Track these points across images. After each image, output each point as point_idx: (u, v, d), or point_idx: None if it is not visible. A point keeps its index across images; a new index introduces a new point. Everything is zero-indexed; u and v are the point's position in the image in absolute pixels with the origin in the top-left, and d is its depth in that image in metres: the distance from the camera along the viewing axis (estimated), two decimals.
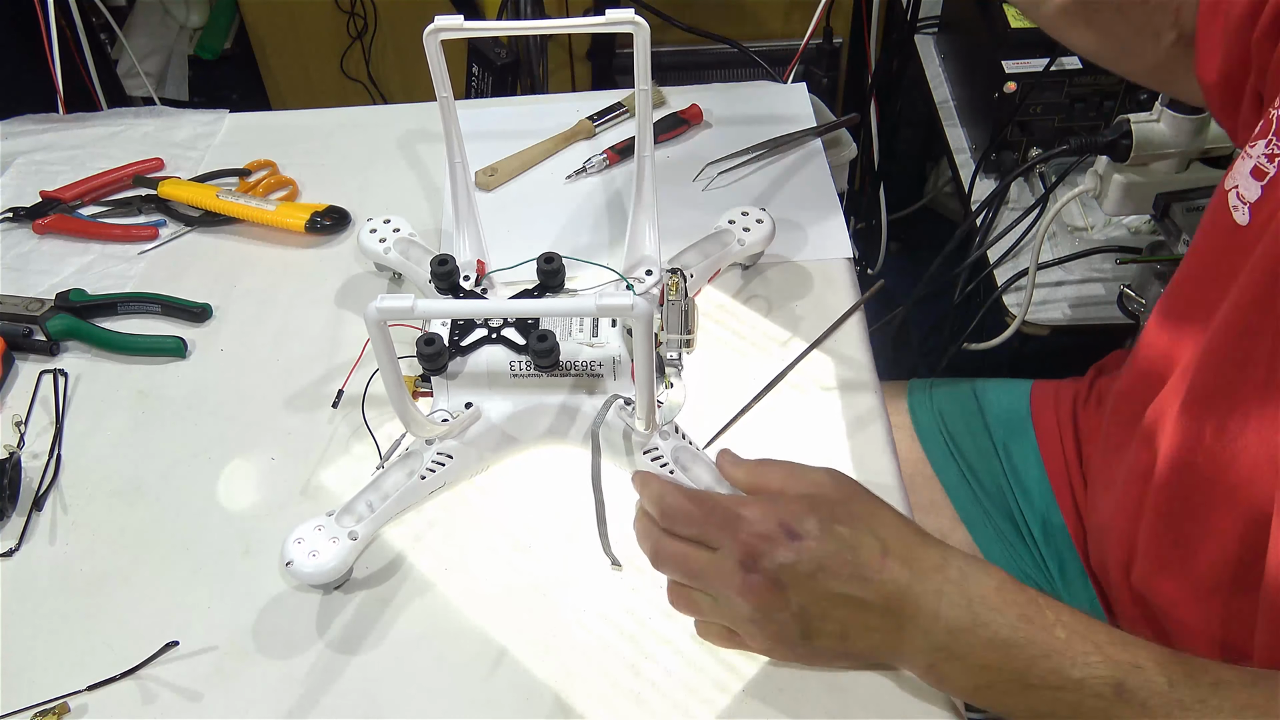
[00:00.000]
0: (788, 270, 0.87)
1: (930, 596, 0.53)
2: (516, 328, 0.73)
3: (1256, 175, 0.60)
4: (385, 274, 0.87)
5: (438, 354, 0.71)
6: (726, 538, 0.55)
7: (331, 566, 0.65)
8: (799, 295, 0.85)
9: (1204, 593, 0.64)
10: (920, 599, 0.53)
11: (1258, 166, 0.60)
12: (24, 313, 0.85)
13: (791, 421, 0.76)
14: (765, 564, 0.54)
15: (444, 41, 0.69)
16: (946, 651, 0.54)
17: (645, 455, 0.69)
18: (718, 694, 0.62)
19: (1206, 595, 0.64)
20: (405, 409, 0.64)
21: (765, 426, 0.76)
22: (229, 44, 2.09)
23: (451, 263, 0.77)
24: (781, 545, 0.54)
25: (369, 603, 0.67)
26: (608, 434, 0.70)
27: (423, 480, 0.69)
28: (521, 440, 0.74)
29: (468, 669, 0.64)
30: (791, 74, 1.10)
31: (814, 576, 0.53)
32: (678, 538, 0.58)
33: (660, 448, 0.69)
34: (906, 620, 0.54)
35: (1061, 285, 1.38)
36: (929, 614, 0.53)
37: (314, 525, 0.66)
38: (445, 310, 0.67)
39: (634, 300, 0.54)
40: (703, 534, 0.57)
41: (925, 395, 0.97)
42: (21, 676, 0.65)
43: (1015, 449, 0.92)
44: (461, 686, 0.63)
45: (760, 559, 0.54)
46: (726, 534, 0.55)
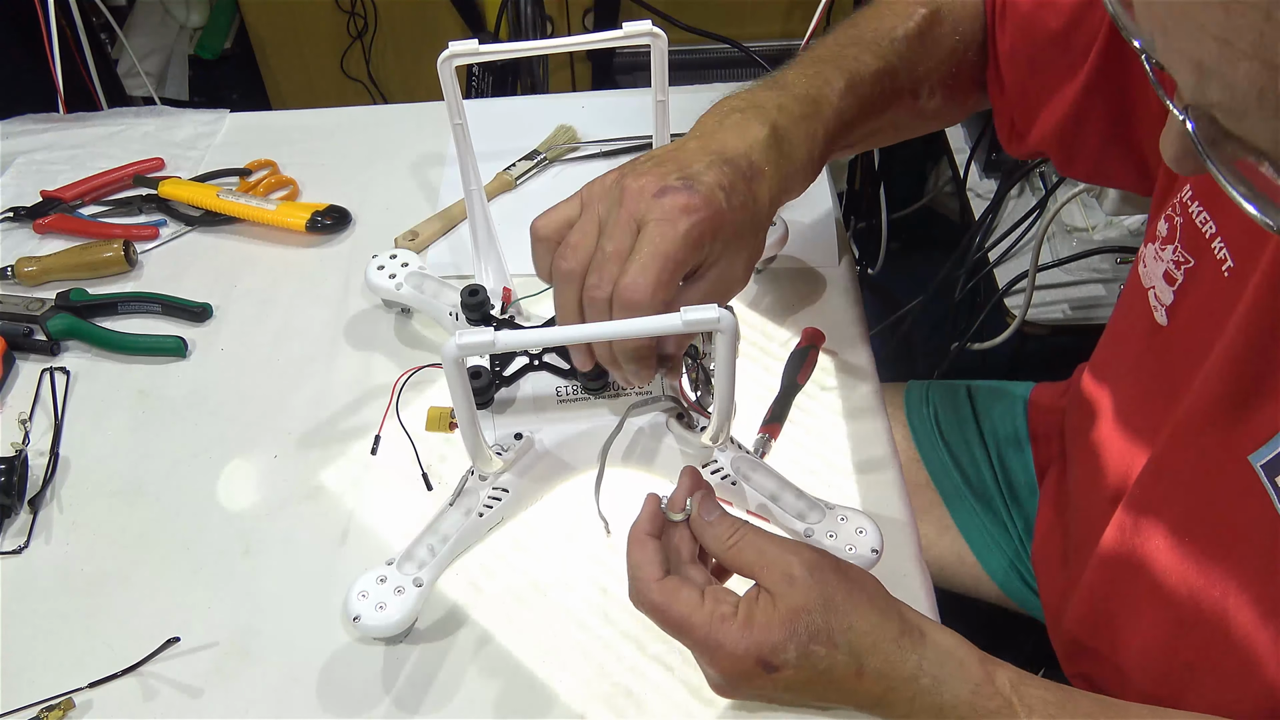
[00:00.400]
0: (788, 271, 0.87)
1: (904, 704, 0.53)
2: (557, 352, 0.72)
3: (1168, 280, 0.63)
4: (393, 309, 0.85)
5: (485, 386, 0.70)
6: (702, 659, 0.56)
7: (399, 618, 0.62)
8: (799, 296, 0.85)
9: (1132, 674, 0.66)
10: (893, 706, 0.54)
11: (1168, 272, 0.62)
12: (24, 312, 0.85)
13: (792, 421, 0.76)
14: (743, 689, 0.55)
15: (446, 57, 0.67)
16: None
17: (705, 469, 0.68)
18: None
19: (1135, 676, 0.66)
20: (478, 446, 0.63)
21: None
22: (229, 44, 2.09)
23: (483, 292, 0.76)
24: (758, 678, 0.53)
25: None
26: (651, 447, 0.70)
27: (480, 518, 0.67)
28: (575, 466, 0.72)
29: (468, 667, 0.64)
30: None
31: (791, 693, 0.54)
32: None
33: (719, 459, 0.68)
34: (881, 711, 0.55)
35: (1061, 285, 1.38)
36: (902, 715, 0.54)
37: (376, 576, 0.63)
38: (526, 340, 0.58)
39: (720, 314, 0.53)
40: (679, 640, 0.56)
41: (921, 397, 0.97)
42: (23, 675, 0.65)
43: (1008, 453, 0.92)
44: (461, 684, 0.63)
45: (739, 687, 0.55)
46: (703, 657, 0.55)
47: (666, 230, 0.55)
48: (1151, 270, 0.64)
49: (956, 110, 0.77)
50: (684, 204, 0.56)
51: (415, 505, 0.71)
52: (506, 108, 1.09)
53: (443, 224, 0.92)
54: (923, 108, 0.73)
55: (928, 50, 0.71)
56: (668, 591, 0.55)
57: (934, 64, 0.72)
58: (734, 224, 0.58)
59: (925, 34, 0.71)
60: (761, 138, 0.62)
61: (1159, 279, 0.63)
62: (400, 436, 0.75)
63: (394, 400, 0.77)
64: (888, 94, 0.69)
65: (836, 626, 0.53)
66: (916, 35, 0.71)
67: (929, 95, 0.73)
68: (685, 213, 0.56)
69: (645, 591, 0.55)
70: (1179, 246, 0.61)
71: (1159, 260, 0.63)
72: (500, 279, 0.80)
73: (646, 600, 0.55)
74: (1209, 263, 0.59)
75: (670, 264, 0.55)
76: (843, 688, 0.53)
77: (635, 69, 1.89)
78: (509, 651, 0.65)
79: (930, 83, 0.72)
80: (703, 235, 0.56)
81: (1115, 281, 1.35)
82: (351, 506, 0.73)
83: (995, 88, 0.74)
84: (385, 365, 0.81)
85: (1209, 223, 0.59)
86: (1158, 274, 0.63)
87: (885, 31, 0.70)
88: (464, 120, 0.73)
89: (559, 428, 0.71)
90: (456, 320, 0.77)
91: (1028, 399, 0.94)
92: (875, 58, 0.69)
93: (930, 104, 0.73)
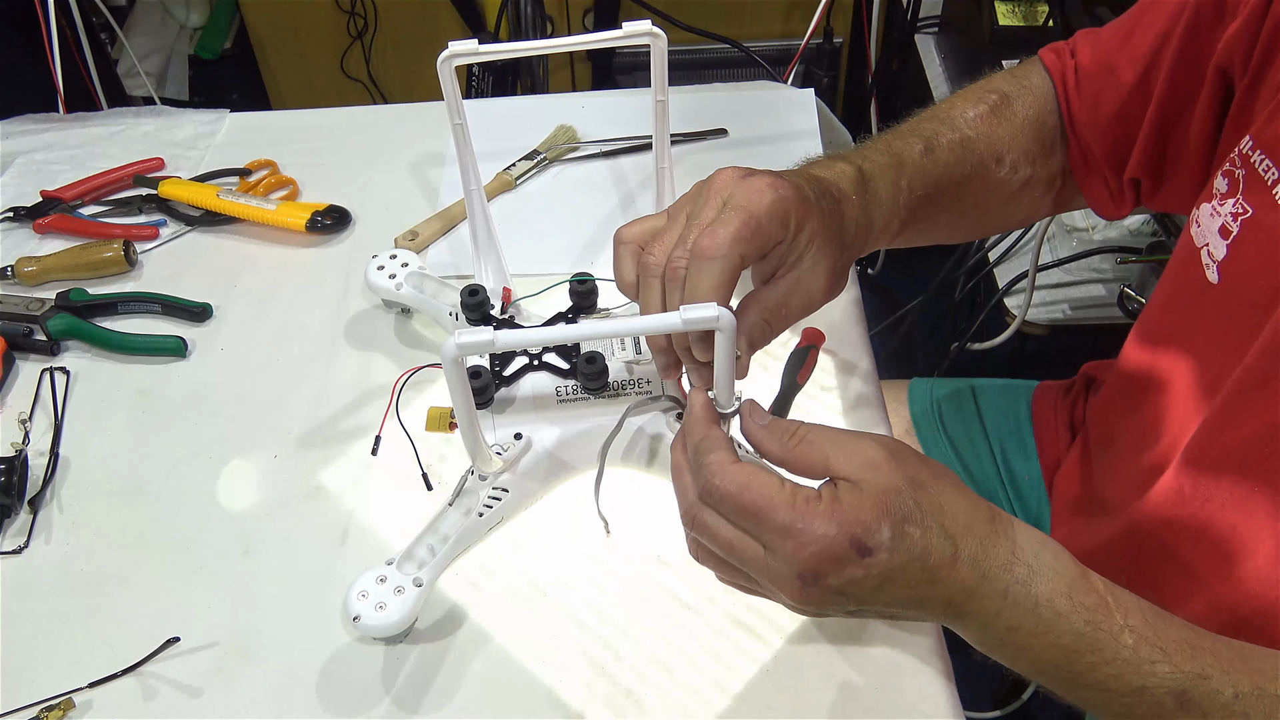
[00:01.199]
0: None
1: (995, 598, 0.50)
2: (557, 352, 0.73)
3: (1223, 234, 0.62)
4: (393, 309, 0.85)
5: (484, 386, 0.70)
6: (786, 548, 0.49)
7: (399, 618, 0.62)
8: None
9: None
10: (984, 599, 0.50)
11: (1224, 225, 0.61)
12: (24, 312, 0.85)
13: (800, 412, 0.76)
14: (830, 581, 0.49)
15: (446, 56, 0.67)
16: (1001, 642, 0.52)
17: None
18: (718, 694, 0.62)
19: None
20: (477, 446, 0.63)
21: None
22: (229, 44, 2.10)
23: (482, 292, 0.76)
24: (851, 564, 0.49)
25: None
26: (651, 447, 0.70)
27: (480, 518, 0.67)
28: (575, 465, 0.72)
29: (468, 668, 0.64)
30: (791, 74, 1.10)
31: (881, 588, 0.50)
32: (722, 517, 0.52)
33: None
34: (967, 615, 0.51)
35: (1062, 285, 1.38)
36: (991, 612, 0.51)
37: (375, 576, 0.63)
38: (525, 340, 0.59)
39: (719, 312, 0.52)
40: (756, 533, 0.51)
41: (925, 394, 0.97)
42: (23, 675, 0.65)
43: (1012, 451, 0.92)
44: (461, 684, 0.63)
45: (824, 578, 0.49)
46: (787, 545, 0.49)
47: (752, 196, 0.55)
48: (1206, 227, 0.63)
49: (1042, 192, 0.76)
50: (771, 183, 0.56)
51: (415, 505, 0.71)
52: (506, 108, 1.09)
53: (443, 224, 0.92)
54: (1006, 180, 0.73)
55: (1002, 124, 0.73)
56: (747, 473, 0.50)
57: (1010, 135, 0.72)
58: (821, 222, 0.58)
59: (997, 112, 0.73)
60: (848, 172, 0.63)
61: (1214, 235, 0.62)
62: (400, 436, 0.75)
63: (394, 400, 0.77)
64: (968, 162, 0.70)
65: (928, 507, 0.50)
66: (989, 113, 0.72)
67: (1011, 169, 0.73)
68: (772, 188, 0.55)
69: (720, 475, 0.50)
70: (1240, 199, 0.60)
71: (1215, 216, 0.62)
72: (500, 279, 0.80)
73: (721, 486, 0.50)
74: (1270, 210, 0.58)
75: (752, 221, 0.54)
76: (937, 577, 0.49)
77: (635, 69, 1.89)
78: (509, 651, 0.65)
79: (1012, 155, 0.72)
80: (788, 211, 0.55)
81: (1115, 281, 1.35)
82: (351, 506, 0.73)
83: (1080, 164, 0.75)
84: (385, 365, 0.81)
85: (1273, 170, 0.58)
86: (1213, 229, 0.62)
87: (958, 112, 0.72)
88: (464, 120, 0.73)
89: (559, 428, 0.71)
90: (456, 320, 0.77)
91: (1031, 397, 0.94)
92: (950, 129, 0.71)
93: (1014, 178, 0.73)
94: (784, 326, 0.59)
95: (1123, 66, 0.70)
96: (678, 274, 0.55)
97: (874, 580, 0.49)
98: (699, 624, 0.65)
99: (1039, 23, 1.30)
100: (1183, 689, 0.49)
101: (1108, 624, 0.50)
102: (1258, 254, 0.59)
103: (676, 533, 0.69)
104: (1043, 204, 0.78)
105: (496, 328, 0.53)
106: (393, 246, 0.89)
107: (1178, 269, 0.68)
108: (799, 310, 0.59)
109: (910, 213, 0.67)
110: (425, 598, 0.64)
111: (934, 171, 0.68)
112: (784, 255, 0.57)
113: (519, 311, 0.78)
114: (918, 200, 0.67)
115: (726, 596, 0.66)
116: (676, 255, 0.55)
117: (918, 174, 0.67)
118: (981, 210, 0.75)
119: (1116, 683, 0.50)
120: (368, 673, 0.64)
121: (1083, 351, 0.94)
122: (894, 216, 0.66)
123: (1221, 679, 0.49)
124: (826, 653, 0.63)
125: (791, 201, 0.56)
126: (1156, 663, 0.49)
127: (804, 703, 0.61)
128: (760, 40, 1.83)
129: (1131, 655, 0.49)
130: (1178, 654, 0.49)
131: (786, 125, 1.00)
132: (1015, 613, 0.50)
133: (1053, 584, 0.50)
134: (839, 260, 0.60)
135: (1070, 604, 0.50)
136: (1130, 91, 0.70)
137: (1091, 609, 0.50)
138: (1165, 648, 0.49)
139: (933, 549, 0.49)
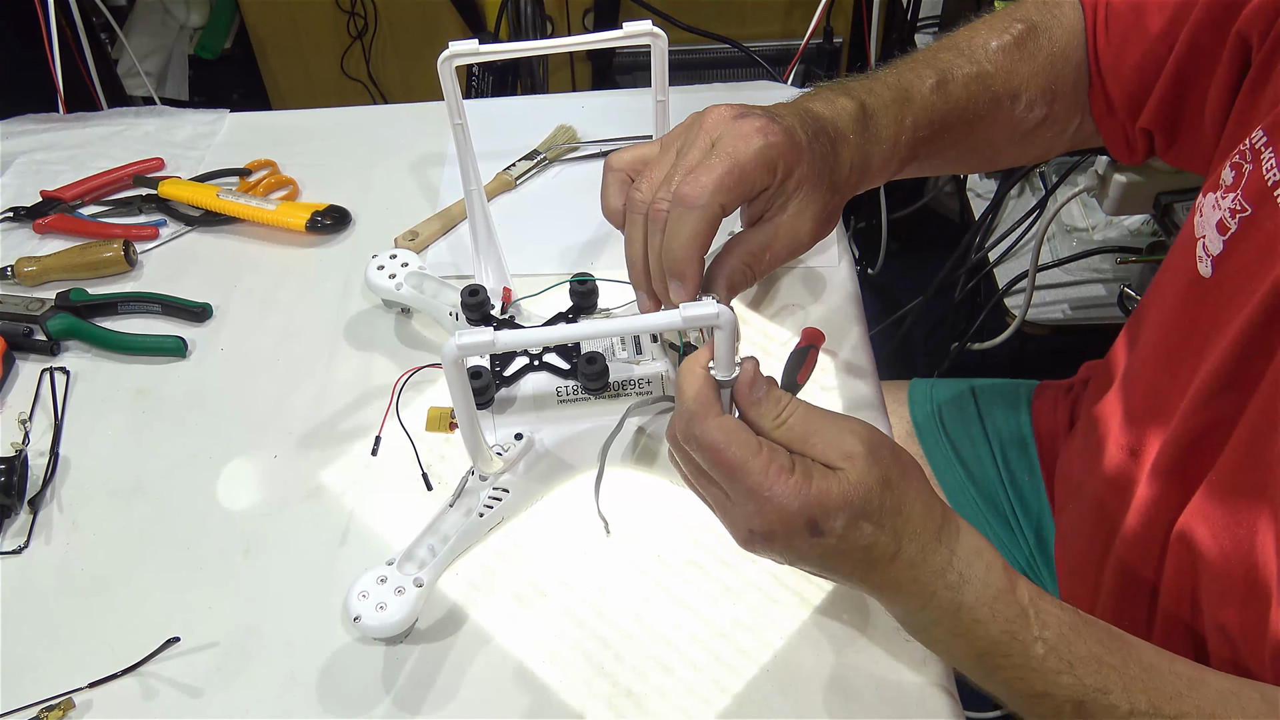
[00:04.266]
0: (788, 271, 0.87)
1: (921, 596, 0.53)
2: (558, 352, 0.73)
3: (1220, 229, 0.61)
4: (393, 309, 0.85)
5: (485, 387, 0.70)
6: (747, 507, 0.52)
7: (400, 619, 0.62)
8: (799, 296, 0.85)
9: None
10: (911, 596, 0.53)
11: (1222, 220, 0.61)
12: (24, 312, 0.85)
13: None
14: (777, 544, 0.52)
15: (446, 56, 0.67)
16: (921, 632, 0.56)
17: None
18: (718, 694, 0.62)
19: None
20: (478, 446, 0.63)
21: None
22: (229, 44, 2.09)
23: (483, 292, 0.76)
24: (799, 537, 0.51)
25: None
26: (651, 447, 0.70)
27: (480, 518, 0.67)
28: (575, 465, 0.72)
29: (468, 668, 0.64)
30: (791, 74, 1.10)
31: (820, 560, 0.53)
32: (698, 462, 0.54)
33: None
34: (893, 603, 0.55)
35: (1062, 285, 1.38)
36: (916, 608, 0.54)
37: (375, 576, 0.63)
38: (526, 340, 0.59)
39: (719, 309, 0.52)
40: (724, 483, 0.53)
41: (925, 395, 0.97)
42: (23, 675, 0.65)
43: (1012, 452, 0.92)
44: (461, 684, 0.63)
45: (773, 540, 0.52)
46: (749, 504, 0.52)
47: (739, 142, 0.55)
48: (1207, 219, 0.63)
49: (1058, 131, 0.74)
50: (761, 126, 0.55)
51: (415, 505, 0.71)
52: (506, 108, 1.09)
53: (443, 224, 0.92)
54: (1021, 119, 0.71)
55: (1024, 59, 0.70)
56: (729, 430, 0.51)
57: (1030, 72, 0.70)
58: (811, 167, 0.57)
59: (1022, 44, 0.70)
60: (850, 109, 0.62)
61: (1211, 228, 0.62)
62: (400, 437, 0.75)
63: (394, 400, 0.77)
64: (982, 99, 0.69)
65: (889, 508, 0.51)
66: (1013, 45, 0.70)
67: (1027, 107, 0.71)
68: (761, 133, 0.55)
69: (703, 426, 0.52)
70: (1240, 195, 0.60)
71: (1216, 209, 0.62)
72: (500, 279, 0.80)
73: (704, 436, 0.52)
74: (1269, 212, 0.57)
75: (736, 169, 0.54)
76: (873, 567, 0.52)
77: (635, 69, 1.89)
78: (509, 651, 0.65)
79: (1029, 94, 0.70)
80: (776, 158, 0.55)
81: (1115, 281, 1.35)
82: (351, 506, 0.73)
83: (1100, 106, 0.72)
84: (385, 365, 0.81)
85: (1275, 170, 0.58)
86: (1212, 222, 0.62)
87: (980, 43, 0.70)
88: (464, 120, 0.73)
89: (559, 428, 0.71)
90: (456, 320, 0.77)
91: (1031, 397, 0.94)
92: (969, 62, 0.69)
93: (1030, 116, 0.71)
94: (768, 269, 0.60)
95: (1152, 12, 0.68)
96: (659, 215, 0.56)
97: (816, 555, 0.52)
98: (699, 624, 0.65)
99: None
100: (1081, 699, 0.52)
101: (1023, 634, 0.52)
102: (1252, 255, 0.59)
103: (677, 533, 0.69)
104: (1058, 143, 0.76)
105: (497, 328, 0.53)
106: (393, 246, 0.89)
107: (1174, 258, 0.68)
108: (784, 254, 0.59)
109: (912, 150, 0.66)
110: (426, 598, 0.64)
111: (943, 108, 0.67)
112: (771, 199, 0.58)
113: (519, 311, 0.78)
114: (921, 139, 0.66)
115: (726, 596, 0.66)
116: (660, 196, 0.56)
117: (924, 111, 0.66)
118: (992, 147, 0.73)
119: (1021, 685, 0.53)
120: (368, 673, 0.64)
121: (1083, 351, 0.94)
122: (894, 156, 0.65)
123: (1120, 695, 0.51)
124: (826, 653, 0.63)
125: (780, 148, 0.56)
126: (1061, 674, 0.52)
127: (804, 703, 0.61)
128: (760, 40, 1.83)
129: (1039, 665, 0.52)
130: (1082, 668, 0.52)
131: None
132: (937, 613, 0.53)
133: (978, 593, 0.53)
134: (828, 204, 0.60)
135: (990, 613, 0.52)
136: (1155, 40, 0.68)
137: (1010, 620, 0.52)
138: (1073, 661, 0.52)
139: (877, 545, 0.52)
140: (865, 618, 0.65)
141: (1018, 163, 0.78)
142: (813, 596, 0.66)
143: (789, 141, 0.56)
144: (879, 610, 0.65)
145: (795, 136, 0.57)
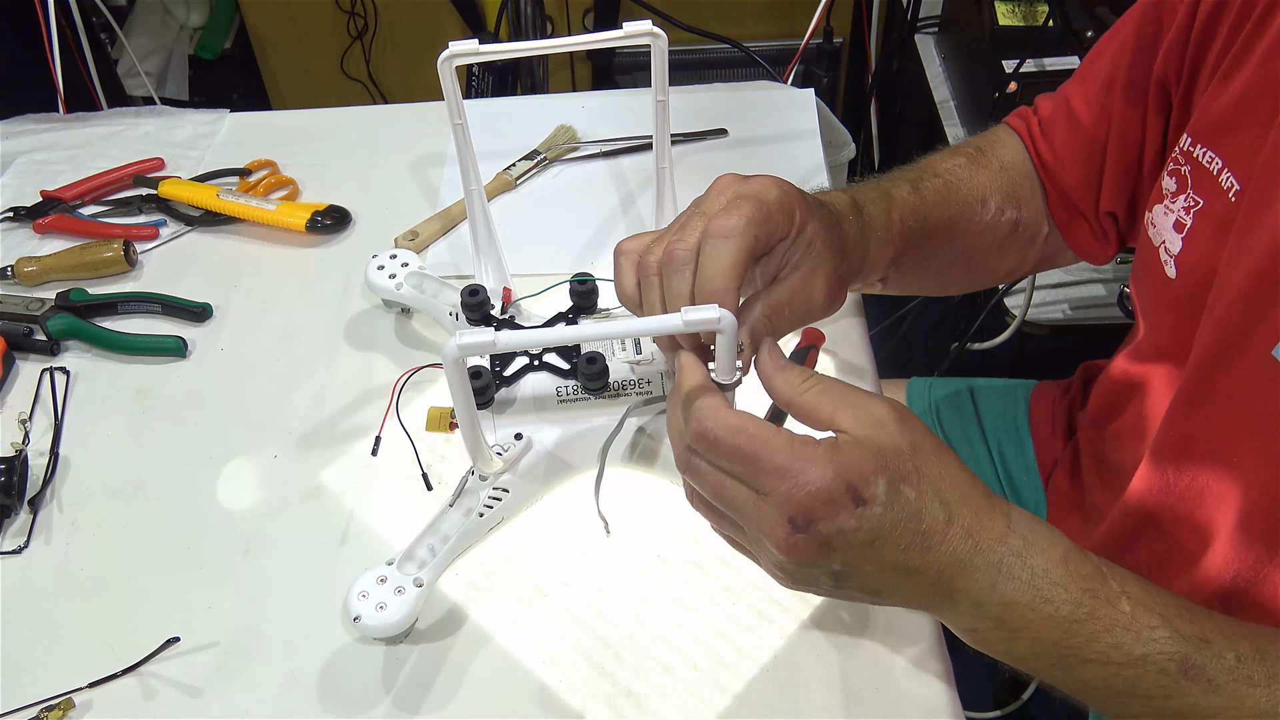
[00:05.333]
0: None
1: (989, 570, 0.49)
2: (558, 352, 0.73)
3: (1178, 228, 0.62)
4: (393, 309, 0.85)
5: (485, 387, 0.70)
6: (780, 489, 0.48)
7: (400, 619, 0.62)
8: None
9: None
10: (978, 572, 0.49)
11: (1179, 220, 0.62)
12: (24, 312, 0.85)
13: (791, 421, 0.76)
14: (820, 528, 0.48)
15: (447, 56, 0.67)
16: (997, 623, 0.50)
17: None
18: (718, 694, 0.62)
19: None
20: (478, 446, 0.63)
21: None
22: (229, 44, 2.09)
23: (483, 292, 0.76)
24: (844, 510, 0.47)
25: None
26: (651, 447, 0.70)
27: (480, 518, 0.67)
28: (575, 466, 0.72)
29: (468, 668, 0.64)
30: (791, 74, 1.10)
31: (870, 545, 0.48)
32: (715, 466, 0.51)
33: None
34: (958, 592, 0.50)
35: (1062, 285, 1.38)
36: (985, 587, 0.49)
37: (375, 576, 0.63)
38: (526, 340, 0.58)
39: (720, 314, 0.51)
40: (748, 477, 0.50)
41: (924, 394, 0.97)
42: (23, 675, 0.65)
43: (1009, 451, 0.92)
44: (461, 684, 0.63)
45: (816, 522, 0.48)
46: (781, 485, 0.48)
47: (759, 188, 0.55)
48: (1161, 226, 0.64)
49: (1028, 239, 0.76)
50: (774, 180, 0.56)
51: (415, 505, 0.71)
52: (506, 108, 1.09)
53: (443, 224, 0.92)
54: (994, 224, 0.73)
55: (981, 170, 0.74)
56: (741, 418, 0.49)
57: (989, 180, 0.74)
58: (821, 223, 0.58)
59: (975, 162, 0.75)
60: (842, 198, 0.64)
61: (1169, 230, 0.63)
62: (400, 436, 0.75)
63: (394, 400, 0.77)
64: (953, 202, 0.71)
65: (927, 473, 0.49)
66: (967, 163, 0.74)
67: (998, 210, 0.73)
68: (776, 184, 0.56)
69: (712, 419, 0.49)
70: (1190, 192, 0.61)
71: (1169, 213, 0.63)
72: (500, 279, 0.80)
73: (713, 430, 0.49)
74: (1217, 196, 0.59)
75: (764, 207, 0.54)
76: (929, 542, 0.48)
77: (635, 69, 1.89)
78: (509, 651, 0.65)
79: (996, 199, 0.73)
80: (793, 206, 0.56)
81: (1115, 281, 1.35)
82: (351, 506, 0.73)
83: (1060, 209, 0.75)
84: (385, 365, 0.81)
85: (1215, 160, 0.59)
86: (1167, 226, 0.63)
87: (937, 162, 0.74)
88: (464, 120, 0.73)
89: (559, 428, 0.71)
90: (456, 320, 0.77)
91: (1029, 397, 0.94)
92: (933, 175, 0.72)
93: (1002, 220, 0.74)
94: (785, 329, 0.58)
95: (1079, 109, 0.72)
96: (676, 257, 0.54)
97: (865, 534, 0.48)
98: (699, 624, 0.65)
99: (1039, 23, 1.30)
100: (1185, 655, 0.48)
101: (1104, 591, 0.49)
102: (1209, 240, 0.60)
103: (676, 533, 0.69)
104: (1030, 254, 0.78)
105: (497, 328, 0.53)
106: (393, 246, 0.89)
107: (1141, 272, 0.69)
108: (800, 314, 0.58)
109: (903, 243, 0.67)
110: (426, 598, 0.64)
111: (922, 208, 0.69)
112: (787, 255, 0.57)
113: (519, 311, 0.78)
114: (909, 232, 0.67)
115: (726, 596, 0.66)
116: (675, 241, 0.55)
117: (907, 208, 0.68)
118: (970, 256, 0.75)
119: (1117, 653, 0.48)
120: (368, 673, 0.64)
121: (1083, 351, 0.94)
122: (888, 243, 0.66)
123: (1222, 642, 0.48)
124: (826, 653, 0.63)
125: (795, 197, 0.56)
126: (1156, 628, 0.48)
127: (804, 703, 0.61)
128: (760, 40, 1.83)
129: (1130, 621, 0.48)
130: (1176, 618, 0.49)
131: (787, 125, 1.00)
132: (1010, 586, 0.49)
133: (1048, 554, 0.49)
134: (839, 268, 0.60)
135: (1066, 572, 0.49)
136: (1090, 125, 0.71)
137: (1088, 577, 0.49)
138: (1163, 612, 0.49)
139: (926, 512, 0.48)
140: (865, 618, 0.65)
141: (995, 275, 0.80)
142: (813, 596, 0.66)
143: (801, 194, 0.57)
144: (879, 610, 0.65)
145: (805, 194, 0.58)
